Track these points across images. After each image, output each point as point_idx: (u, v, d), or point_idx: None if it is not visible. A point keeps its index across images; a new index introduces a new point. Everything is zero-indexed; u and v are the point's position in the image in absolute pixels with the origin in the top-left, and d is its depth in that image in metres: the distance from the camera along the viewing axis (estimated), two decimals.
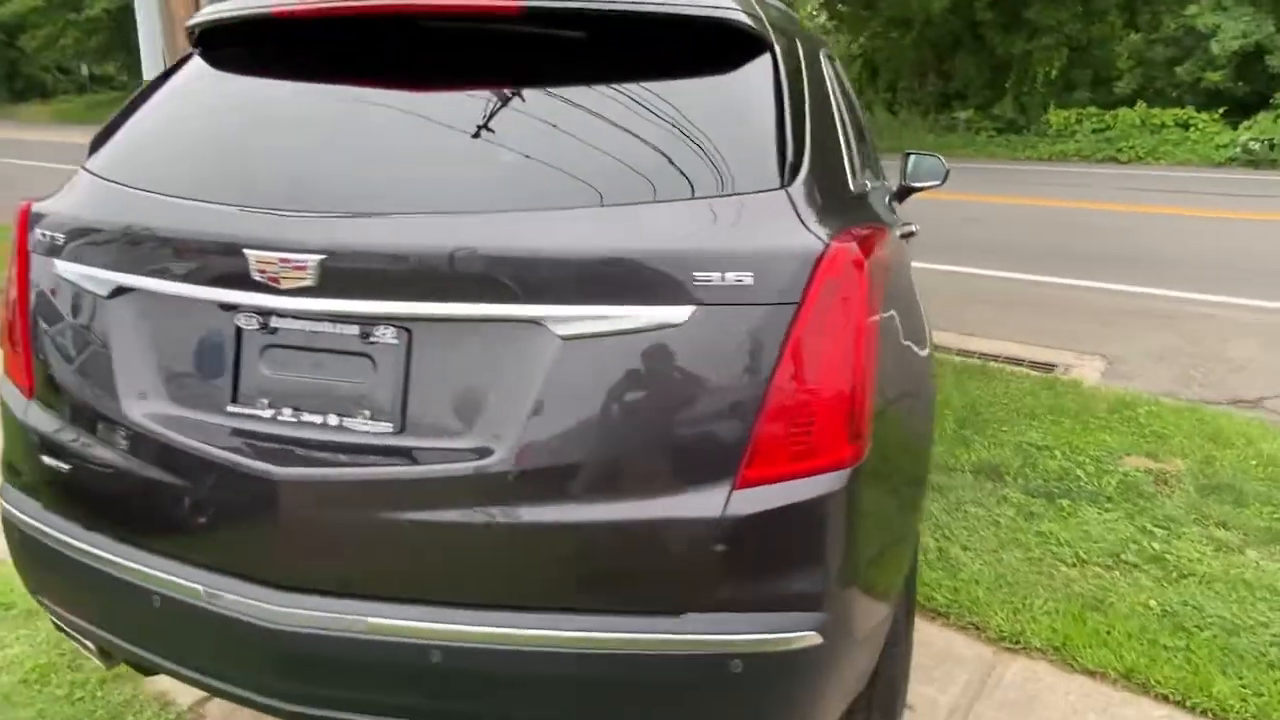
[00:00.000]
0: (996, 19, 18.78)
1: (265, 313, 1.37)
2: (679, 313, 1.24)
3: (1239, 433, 3.83)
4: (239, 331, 1.39)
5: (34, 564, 1.64)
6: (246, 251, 1.31)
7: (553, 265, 1.26)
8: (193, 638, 1.44)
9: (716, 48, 1.47)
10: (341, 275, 1.29)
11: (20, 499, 1.64)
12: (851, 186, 1.75)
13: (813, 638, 1.28)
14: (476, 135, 1.42)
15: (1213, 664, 2.23)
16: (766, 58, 1.47)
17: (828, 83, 1.89)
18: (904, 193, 3.55)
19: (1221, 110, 16.21)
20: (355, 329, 1.33)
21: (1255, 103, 16.00)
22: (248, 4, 1.58)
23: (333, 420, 1.35)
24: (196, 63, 1.76)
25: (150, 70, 5.14)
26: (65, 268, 1.52)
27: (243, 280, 1.34)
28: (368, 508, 1.31)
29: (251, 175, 1.47)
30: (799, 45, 1.66)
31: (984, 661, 2.29)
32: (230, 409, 1.40)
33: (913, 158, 3.56)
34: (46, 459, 1.55)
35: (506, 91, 1.47)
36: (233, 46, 1.74)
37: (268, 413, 1.37)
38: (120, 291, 1.46)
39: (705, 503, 1.25)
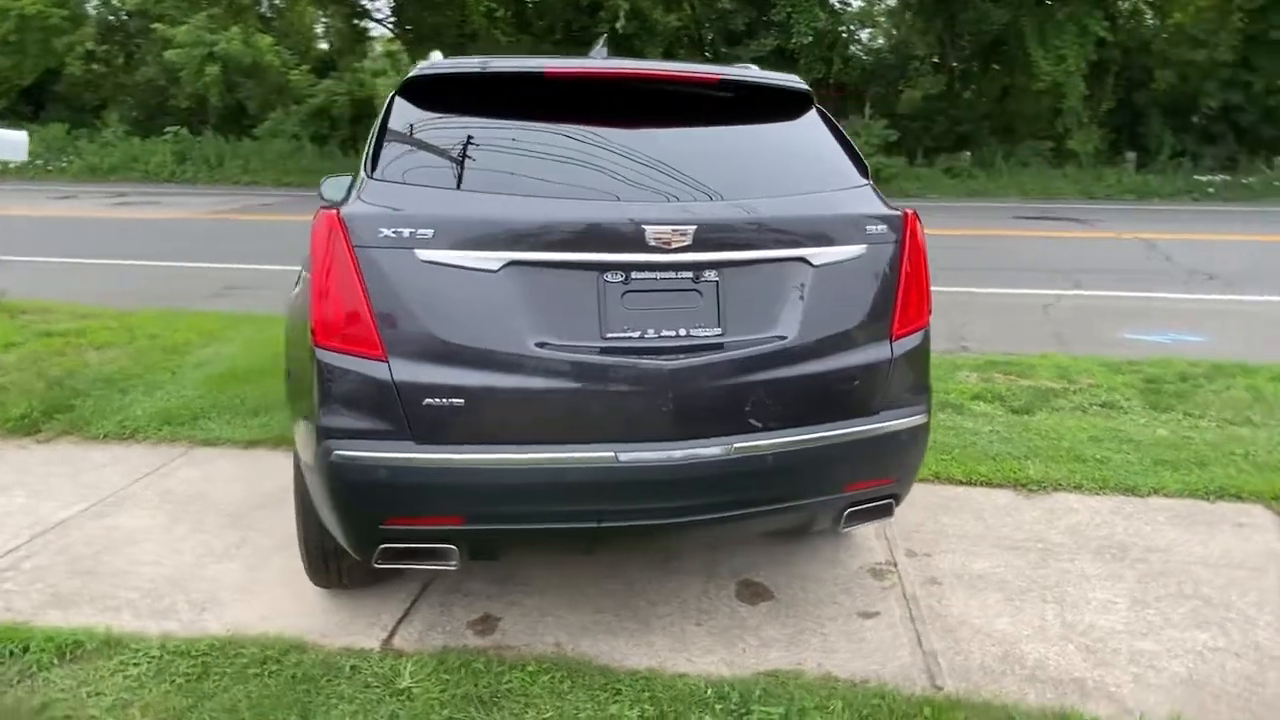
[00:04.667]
0: None
1: (628, 268, 2.09)
2: (860, 249, 2.31)
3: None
4: (605, 284, 2.09)
5: (400, 493, 2.05)
6: (645, 226, 2.04)
7: (809, 224, 2.25)
8: (599, 493, 2.08)
9: (795, 104, 2.56)
10: (698, 238, 2.10)
11: (374, 445, 2.04)
12: None
13: (924, 418, 2.45)
14: (712, 152, 2.33)
15: (1013, 462, 3.87)
16: (815, 110, 2.60)
17: None
18: None
19: None
20: (690, 274, 2.14)
21: None
22: (518, 61, 2.26)
23: (682, 331, 2.13)
24: (424, 100, 2.30)
25: None
26: (441, 255, 2.02)
27: (626, 244, 2.06)
28: (716, 378, 2.14)
29: (596, 179, 2.16)
30: None
31: None
32: (606, 335, 2.09)
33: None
34: (430, 400, 2.02)
35: (708, 127, 2.41)
36: (465, 89, 2.33)
37: (635, 333, 2.10)
38: (509, 264, 2.03)
39: (883, 350, 2.34)
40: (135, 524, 3.28)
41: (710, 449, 2.12)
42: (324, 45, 25.12)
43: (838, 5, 21.23)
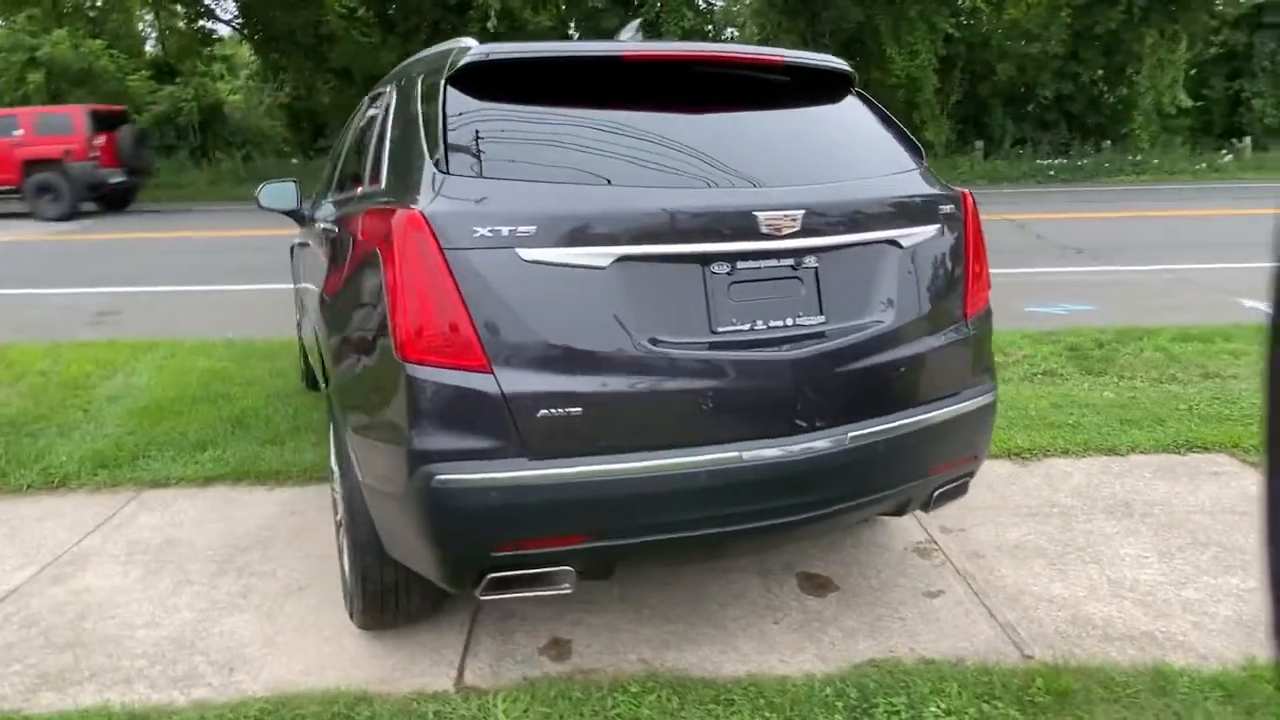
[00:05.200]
0: None
1: (735, 258, 1.99)
2: (935, 228, 2.31)
3: None
4: (711, 276, 1.98)
5: (515, 515, 1.87)
6: (758, 213, 1.95)
7: (896, 205, 2.22)
8: (726, 495, 1.96)
9: (840, 86, 2.54)
10: (805, 224, 2.03)
11: (482, 466, 1.85)
12: None
13: (992, 394, 2.48)
14: (786, 135, 2.26)
15: (998, 432, 3.97)
16: (854, 92, 2.59)
17: None
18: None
19: None
20: (791, 261, 2.07)
21: None
22: (577, 46, 2.12)
23: (788, 321, 2.06)
24: (482, 89, 2.11)
25: None
26: (547, 253, 1.85)
27: (737, 233, 1.96)
28: (828, 367, 2.07)
29: (689, 166, 2.04)
30: None
31: None
32: (716, 329, 1.98)
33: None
34: (544, 411, 1.85)
35: (772, 110, 2.35)
36: (528, 75, 2.16)
37: (745, 325, 2.01)
38: (619, 260, 1.89)
39: (961, 329, 2.35)
40: (108, 583, 2.87)
41: (827, 441, 2.05)
42: (157, 48, 23.24)
43: (704, 5, 21.68)
